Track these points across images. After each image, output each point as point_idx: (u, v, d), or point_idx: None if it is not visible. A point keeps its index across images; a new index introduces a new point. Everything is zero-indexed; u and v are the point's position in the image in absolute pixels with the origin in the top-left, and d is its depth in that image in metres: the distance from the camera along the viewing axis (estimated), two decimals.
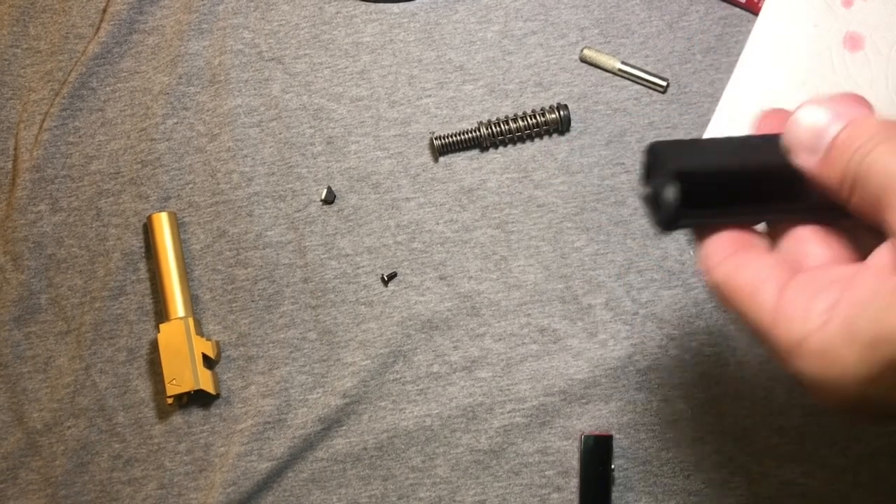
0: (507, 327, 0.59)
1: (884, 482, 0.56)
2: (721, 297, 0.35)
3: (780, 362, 0.32)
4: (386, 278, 0.60)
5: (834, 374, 0.30)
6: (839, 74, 0.59)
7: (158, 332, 0.59)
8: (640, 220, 0.60)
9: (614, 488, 0.57)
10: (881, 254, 0.31)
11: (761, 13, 0.61)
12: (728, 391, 0.58)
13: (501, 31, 0.63)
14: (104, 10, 0.64)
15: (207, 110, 0.63)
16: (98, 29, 0.64)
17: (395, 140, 0.62)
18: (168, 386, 0.58)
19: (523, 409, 0.58)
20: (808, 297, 0.31)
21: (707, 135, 0.60)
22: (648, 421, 0.57)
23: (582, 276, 0.59)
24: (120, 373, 0.60)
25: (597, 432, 0.56)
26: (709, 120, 0.60)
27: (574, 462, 0.57)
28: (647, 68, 0.61)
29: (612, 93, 0.61)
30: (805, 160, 0.33)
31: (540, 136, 0.61)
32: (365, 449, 0.58)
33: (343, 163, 0.62)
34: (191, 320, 0.59)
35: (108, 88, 0.64)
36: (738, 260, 0.34)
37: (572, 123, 0.61)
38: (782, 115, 0.35)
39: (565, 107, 0.60)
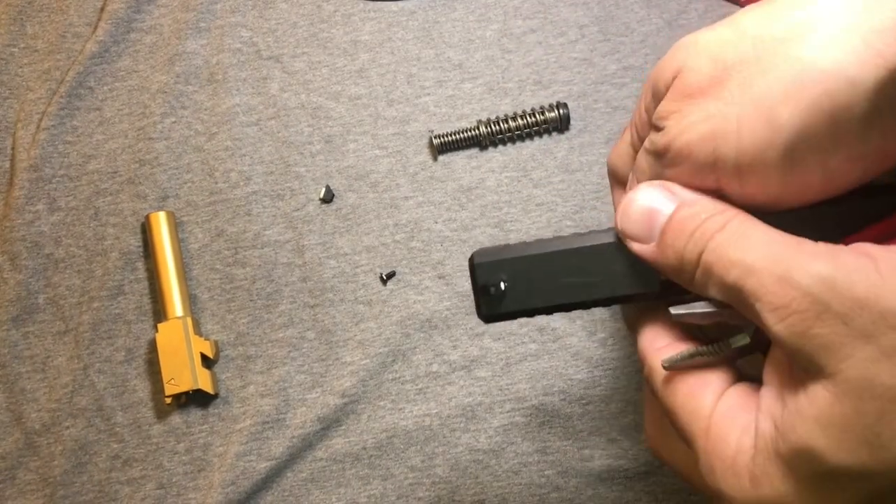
0: (507, 326, 0.59)
1: None
2: (658, 392, 0.33)
3: (708, 483, 0.30)
4: (385, 277, 0.60)
5: (766, 496, 0.28)
6: None
7: (157, 331, 0.58)
8: None
9: (614, 487, 0.57)
10: (769, 370, 0.30)
11: None
12: None
13: (500, 30, 0.63)
14: (102, 9, 0.64)
15: (205, 109, 0.63)
16: (96, 28, 0.64)
17: (394, 139, 0.62)
18: (166, 385, 0.57)
19: (523, 408, 0.58)
20: (734, 413, 0.30)
21: None
22: None
23: None
24: (118, 372, 0.60)
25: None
26: None
27: (574, 462, 0.57)
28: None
29: (611, 91, 0.61)
30: (638, 247, 0.32)
31: (539, 134, 0.61)
32: (364, 448, 0.58)
33: (341, 161, 0.62)
34: (189, 320, 0.58)
35: (105, 87, 0.64)
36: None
37: (572, 122, 0.61)
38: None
39: (565, 105, 0.60)
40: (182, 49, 0.63)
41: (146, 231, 0.61)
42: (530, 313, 0.34)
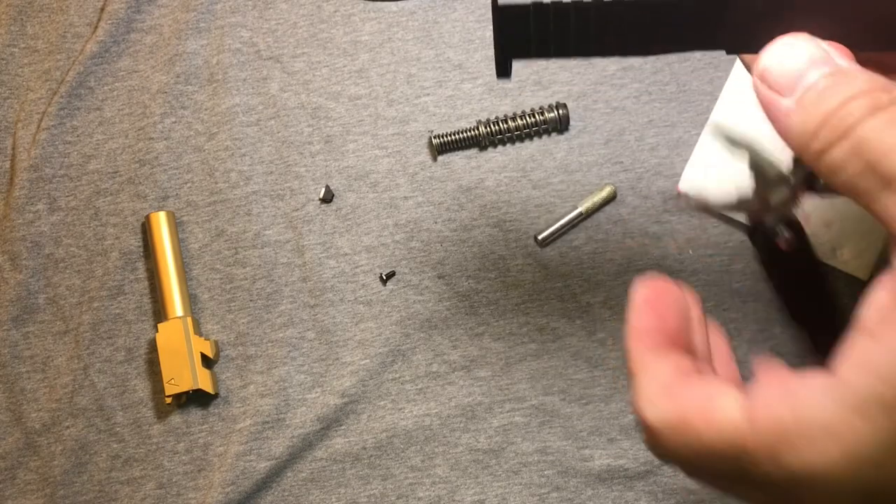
0: (506, 326, 0.59)
1: None
2: (670, 440, 0.27)
3: (765, 469, 0.25)
4: (384, 277, 0.60)
5: (846, 450, 0.23)
6: None
7: (157, 331, 0.58)
8: (639, 219, 0.60)
9: (614, 487, 0.57)
10: (879, 296, 0.25)
11: None
12: None
13: None
14: (102, 9, 0.64)
15: (205, 109, 0.63)
16: (96, 28, 0.64)
17: (394, 139, 0.62)
18: (166, 385, 0.57)
19: (522, 408, 0.58)
20: (792, 380, 0.25)
21: (705, 135, 0.60)
22: None
23: (581, 275, 0.59)
24: (118, 372, 0.60)
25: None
26: (707, 119, 0.60)
27: (574, 462, 0.57)
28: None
29: (610, 91, 0.61)
30: (771, 95, 0.28)
31: (539, 134, 0.61)
32: (364, 448, 0.58)
33: (341, 161, 0.62)
34: (189, 320, 0.58)
35: (105, 87, 0.64)
36: (681, 385, 0.28)
37: (571, 122, 0.61)
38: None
39: (564, 105, 0.60)
40: (182, 49, 0.63)
41: (146, 231, 0.61)
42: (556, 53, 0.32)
